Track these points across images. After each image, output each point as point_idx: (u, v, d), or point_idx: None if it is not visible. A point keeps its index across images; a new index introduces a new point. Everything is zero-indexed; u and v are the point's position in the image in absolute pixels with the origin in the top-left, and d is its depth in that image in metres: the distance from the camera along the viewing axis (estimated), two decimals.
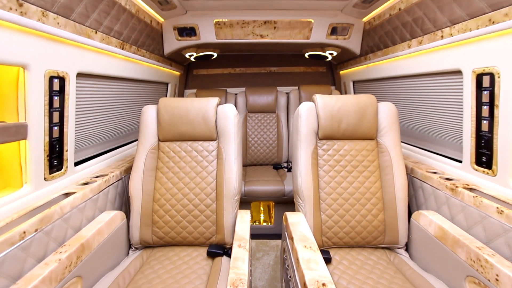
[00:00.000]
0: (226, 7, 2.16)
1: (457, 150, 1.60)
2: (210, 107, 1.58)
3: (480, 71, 1.28)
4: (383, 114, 1.60)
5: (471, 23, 1.27)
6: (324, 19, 2.34)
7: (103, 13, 1.48)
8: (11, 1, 0.94)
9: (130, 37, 1.83)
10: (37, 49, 1.12)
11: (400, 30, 1.86)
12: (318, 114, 1.55)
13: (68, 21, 1.23)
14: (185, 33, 2.44)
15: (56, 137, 1.30)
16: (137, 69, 2.07)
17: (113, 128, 1.99)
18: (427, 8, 1.56)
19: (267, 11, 2.28)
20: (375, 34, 2.22)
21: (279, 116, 3.09)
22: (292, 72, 3.62)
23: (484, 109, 1.30)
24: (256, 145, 3.07)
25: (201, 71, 3.59)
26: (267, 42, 2.51)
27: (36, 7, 1.05)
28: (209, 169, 1.57)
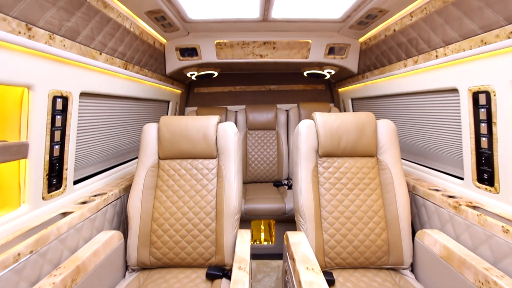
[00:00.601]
0: (227, 28, 2.24)
1: (457, 167, 1.60)
2: (211, 125, 1.59)
3: (476, 89, 1.31)
4: (382, 131, 1.61)
5: (464, 43, 1.31)
6: (321, 40, 2.42)
7: (108, 36, 1.53)
8: (20, 26, 0.97)
9: (133, 57, 1.88)
10: (42, 70, 1.15)
11: (395, 50, 1.91)
12: (318, 131, 1.57)
13: (74, 43, 1.27)
14: (187, 53, 2.51)
15: (56, 155, 1.31)
16: (139, 88, 2.11)
17: (113, 146, 1.99)
18: (420, 30, 1.61)
19: (266, 33, 2.36)
20: (372, 53, 2.29)
21: (279, 133, 3.10)
22: (292, 90, 3.68)
23: (482, 126, 1.31)
24: (256, 162, 3.06)
25: (202, 89, 3.66)
26: (266, 61, 2.58)
27: (44, 31, 1.08)
28: (209, 187, 1.56)
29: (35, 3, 1.03)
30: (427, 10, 1.51)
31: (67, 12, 1.19)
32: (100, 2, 1.39)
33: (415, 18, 1.62)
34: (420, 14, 1.58)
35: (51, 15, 1.11)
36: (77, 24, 1.27)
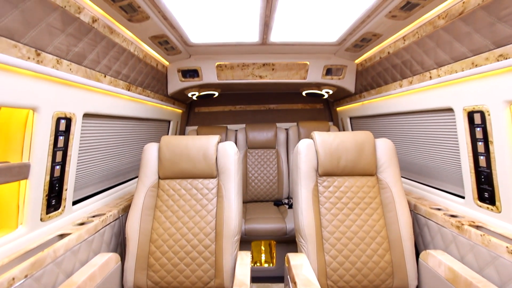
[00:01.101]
0: (228, 51, 2.32)
1: (458, 185, 1.59)
2: (211, 144, 1.61)
3: (471, 109, 1.34)
4: (381, 150, 1.62)
5: (456, 65, 1.36)
6: (319, 62, 2.50)
7: (113, 59, 1.59)
8: (30, 51, 1.02)
9: (136, 79, 1.94)
10: (48, 93, 1.18)
11: (390, 71, 1.98)
12: (317, 151, 1.58)
13: (80, 67, 1.32)
14: (188, 75, 2.59)
15: (57, 176, 1.31)
16: (141, 108, 2.15)
17: (113, 166, 2.00)
18: (413, 52, 1.68)
19: (265, 55, 2.44)
20: (368, 74, 2.36)
21: (278, 152, 3.12)
22: (291, 109, 3.75)
23: (479, 145, 1.33)
24: (257, 181, 3.05)
25: (202, 108, 3.72)
26: (266, 82, 2.65)
27: (52, 56, 1.13)
28: (209, 208, 1.55)
29: (46, 31, 1.08)
30: (418, 34, 1.58)
31: (75, 38, 1.25)
32: (107, 29, 1.46)
33: (408, 41, 1.69)
34: (412, 38, 1.65)
35: (60, 41, 1.17)
36: (84, 49, 1.32)
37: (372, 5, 1.41)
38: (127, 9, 1.37)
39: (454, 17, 1.30)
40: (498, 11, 1.08)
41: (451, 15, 1.32)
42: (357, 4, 1.41)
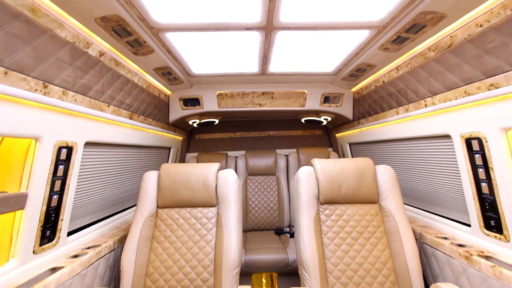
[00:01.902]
0: (228, 81, 2.41)
1: (462, 213, 1.56)
2: (211, 172, 1.60)
3: (468, 135, 1.35)
4: (382, 177, 1.61)
5: (449, 94, 1.40)
6: (316, 90, 2.58)
7: (117, 90, 1.65)
8: (38, 84, 1.05)
9: (139, 108, 1.99)
10: (52, 122, 1.20)
11: (386, 99, 2.03)
12: (318, 178, 1.57)
13: (84, 98, 1.36)
14: (189, 103, 2.66)
15: (54, 206, 1.29)
16: (142, 136, 2.18)
17: (112, 194, 1.97)
18: (407, 81, 1.74)
19: (264, 84, 2.53)
20: (365, 102, 2.42)
21: (279, 179, 3.09)
22: (290, 135, 3.79)
23: (480, 171, 1.32)
24: (257, 209, 2.98)
25: (203, 135, 3.76)
26: (265, 110, 2.71)
27: (58, 88, 1.17)
28: (208, 238, 1.50)
29: (54, 65, 1.13)
30: (411, 65, 1.65)
31: (82, 71, 1.31)
32: (113, 62, 1.53)
33: (401, 71, 1.76)
34: (405, 68, 1.72)
35: (67, 74, 1.22)
36: (89, 80, 1.37)
37: (365, 38, 1.49)
38: (133, 44, 1.44)
39: (443, 50, 1.37)
40: (484, 45, 1.15)
41: (440, 48, 1.39)
42: (351, 38, 1.49)
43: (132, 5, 1.12)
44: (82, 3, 1.05)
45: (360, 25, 1.33)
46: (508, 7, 1.01)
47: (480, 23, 1.13)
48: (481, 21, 1.13)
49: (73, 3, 1.05)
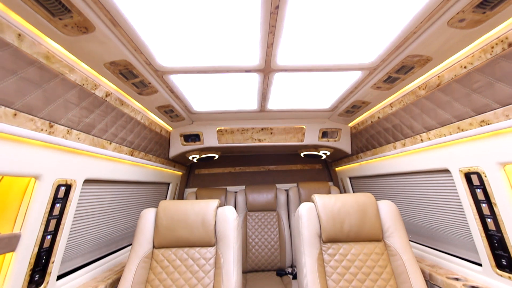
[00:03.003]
0: (228, 118, 2.48)
1: (471, 251, 1.50)
2: (210, 209, 1.57)
3: (466, 170, 1.36)
4: (385, 213, 1.58)
5: (443, 129, 1.44)
6: (314, 125, 2.65)
7: (120, 127, 1.69)
8: (44, 124, 1.09)
9: (140, 144, 2.02)
10: (53, 161, 1.21)
11: (383, 134, 2.08)
12: (319, 215, 1.54)
13: (88, 136, 1.39)
14: (190, 139, 2.70)
15: (46, 247, 1.24)
16: (141, 172, 2.17)
17: (107, 233, 1.90)
18: (402, 117, 1.80)
19: (263, 120, 2.60)
20: (362, 136, 2.47)
21: (279, 215, 3.01)
22: (290, 169, 3.78)
23: (484, 207, 1.30)
24: (257, 247, 2.85)
25: (202, 170, 3.75)
26: (265, 145, 2.75)
27: (63, 127, 1.21)
28: (206, 282, 1.41)
29: (62, 106, 1.18)
30: (404, 102, 1.72)
31: (87, 111, 1.36)
32: (118, 101, 1.59)
33: (395, 108, 1.83)
34: (398, 105, 1.79)
35: (73, 114, 1.26)
36: (94, 119, 1.42)
37: (358, 78, 1.57)
38: (138, 85, 1.52)
39: (433, 88, 1.45)
40: (470, 84, 1.21)
41: (430, 86, 1.46)
42: (345, 78, 1.58)
43: (140, 51, 1.21)
44: (94, 50, 1.14)
45: (353, 67, 1.42)
46: (487, 52, 1.09)
47: (464, 65, 1.21)
48: (465, 63, 1.21)
49: (85, 49, 1.13)
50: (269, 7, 0.94)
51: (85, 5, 0.89)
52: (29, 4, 0.84)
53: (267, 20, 1.01)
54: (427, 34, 1.09)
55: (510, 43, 1.01)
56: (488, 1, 0.89)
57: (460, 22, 1.00)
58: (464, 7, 0.92)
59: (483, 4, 0.91)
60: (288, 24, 1.04)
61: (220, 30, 1.08)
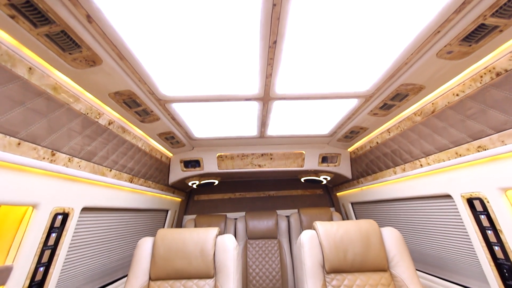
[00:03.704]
0: (228, 143, 2.51)
1: (481, 280, 1.43)
2: (209, 238, 1.53)
3: (468, 196, 1.35)
4: (389, 241, 1.53)
5: (441, 155, 1.45)
6: (314, 151, 2.66)
7: (121, 154, 1.70)
8: (46, 153, 1.10)
9: (140, 171, 2.01)
10: (51, 189, 1.21)
11: (382, 159, 2.08)
12: (321, 243, 1.49)
13: (88, 163, 1.40)
14: (190, 165, 2.70)
15: (37, 280, 1.19)
16: (140, 199, 2.15)
17: (101, 265, 1.83)
18: (400, 143, 1.82)
19: (263, 146, 2.62)
20: (362, 161, 2.47)
21: (281, 243, 2.92)
22: (291, 195, 3.73)
23: (490, 234, 1.27)
24: (258, 278, 2.72)
25: (202, 196, 3.70)
26: (265, 170, 2.74)
27: (65, 155, 1.22)
28: None
29: (65, 134, 1.20)
30: (401, 127, 1.75)
31: (90, 139, 1.38)
32: (120, 129, 1.62)
33: (393, 133, 1.86)
34: (396, 131, 1.82)
35: (76, 142, 1.28)
36: (96, 147, 1.44)
37: (355, 105, 1.62)
38: (141, 113, 1.56)
39: (428, 114, 1.48)
40: (464, 111, 1.25)
41: (425, 113, 1.50)
42: (342, 105, 1.62)
43: (144, 82, 1.26)
44: (100, 81, 1.18)
45: (349, 95, 1.46)
46: (477, 81, 1.14)
47: (456, 93, 1.26)
48: (457, 91, 1.25)
49: (91, 80, 1.18)
50: (267, 42, 1.00)
51: (94, 41, 0.94)
52: (41, 41, 0.90)
53: (266, 53, 1.06)
54: (418, 64, 1.14)
55: (497, 73, 1.05)
56: (472, 36, 0.95)
57: (448, 53, 1.06)
58: (451, 41, 0.98)
59: (468, 38, 0.96)
60: (285, 56, 1.10)
61: (221, 62, 1.13)
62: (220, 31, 0.95)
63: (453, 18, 0.89)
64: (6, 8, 0.76)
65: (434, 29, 0.94)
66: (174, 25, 0.91)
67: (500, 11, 0.84)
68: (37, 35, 0.87)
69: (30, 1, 0.75)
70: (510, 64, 1.00)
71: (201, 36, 0.97)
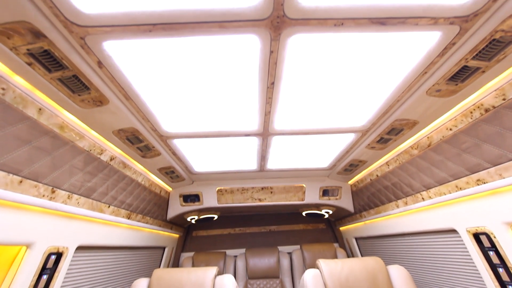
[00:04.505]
0: (228, 177, 2.50)
1: None
2: (208, 279, 1.45)
3: (474, 230, 1.32)
4: (396, 279, 1.46)
5: (442, 188, 1.45)
6: (314, 184, 2.65)
7: (120, 190, 1.69)
8: (46, 190, 1.10)
9: (138, 207, 1.98)
10: (47, 227, 1.18)
11: (384, 192, 2.07)
12: (326, 283, 1.42)
13: (87, 200, 1.39)
14: (189, 199, 2.67)
15: None
16: (137, 236, 2.08)
17: None
18: (400, 176, 1.82)
19: (263, 180, 2.62)
20: (363, 194, 2.45)
21: (283, 282, 2.75)
22: (292, 230, 3.61)
23: (501, 272, 1.22)
24: None
25: (200, 232, 3.58)
26: (265, 205, 2.70)
27: (65, 192, 1.21)
28: None
29: (67, 171, 1.21)
30: (399, 161, 1.77)
31: (90, 175, 1.39)
32: (121, 164, 1.64)
33: (392, 166, 1.87)
34: (394, 164, 1.83)
35: (77, 178, 1.29)
36: (96, 183, 1.44)
37: (352, 140, 1.66)
38: (142, 149, 1.59)
39: (424, 148, 1.51)
40: (459, 145, 1.28)
41: (421, 146, 1.53)
42: (340, 139, 1.66)
43: (147, 119, 1.30)
44: (105, 119, 1.23)
45: (346, 130, 1.51)
46: (467, 116, 1.18)
47: (449, 127, 1.30)
48: (450, 125, 1.30)
49: (97, 119, 1.23)
50: (266, 83, 1.06)
51: (103, 84, 1.00)
52: (53, 84, 0.96)
53: (264, 93, 1.13)
54: (410, 101, 1.20)
55: (486, 109, 1.10)
56: (458, 76, 1.02)
57: (437, 91, 1.12)
58: (438, 80, 1.05)
59: (454, 78, 1.03)
60: (283, 95, 1.16)
61: (222, 101, 1.19)
62: (221, 74, 1.01)
63: (437, 61, 0.96)
64: (25, 57, 0.83)
65: (421, 70, 1.01)
66: (179, 68, 0.98)
67: (480, 54, 0.91)
68: (50, 79, 0.93)
69: (48, 50, 0.81)
70: (497, 101, 1.05)
71: (203, 78, 1.03)
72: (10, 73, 0.89)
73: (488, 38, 0.84)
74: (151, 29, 0.78)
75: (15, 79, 0.91)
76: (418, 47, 0.91)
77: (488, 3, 0.74)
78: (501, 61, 0.93)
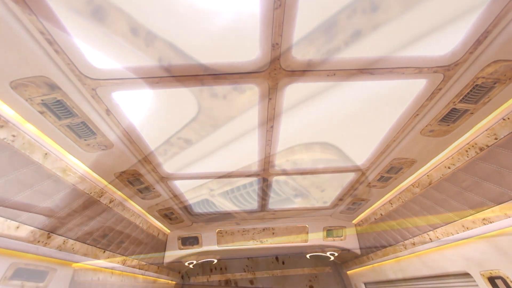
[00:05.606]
0: (228, 218, 2.43)
1: None
2: None
3: (488, 274, 1.25)
4: None
5: (449, 228, 1.40)
6: (317, 224, 2.56)
7: (117, 233, 1.64)
8: (43, 236, 1.08)
9: (134, 251, 1.90)
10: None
11: (389, 232, 1.99)
12: None
13: (83, 245, 1.34)
14: (188, 242, 2.56)
15: None
16: (131, 285, 1.95)
17: None
18: (404, 214, 1.78)
19: (265, 220, 2.54)
20: (368, 234, 2.35)
21: None
22: (297, 274, 3.39)
23: None
24: None
25: (199, 278, 3.36)
26: (267, 247, 2.59)
27: (61, 237, 1.18)
28: None
29: (65, 215, 1.20)
30: (402, 199, 1.75)
31: (89, 219, 1.36)
32: (120, 206, 1.61)
33: (395, 205, 1.84)
34: (397, 202, 1.80)
35: (74, 223, 1.26)
36: (92, 227, 1.40)
37: (352, 178, 1.66)
38: (143, 190, 1.58)
39: (426, 186, 1.50)
40: (459, 183, 1.28)
41: (422, 185, 1.52)
42: (340, 178, 1.66)
43: (149, 161, 1.33)
44: (108, 162, 1.25)
45: (346, 169, 1.52)
46: (463, 155, 1.20)
47: (447, 165, 1.31)
48: (448, 164, 1.31)
49: (100, 162, 1.25)
50: (265, 126, 1.11)
51: (109, 129, 1.05)
52: (62, 130, 1.00)
53: (264, 136, 1.17)
54: (405, 141, 1.23)
55: (480, 148, 1.13)
56: (448, 117, 1.06)
57: (430, 132, 1.16)
58: (430, 121, 1.09)
59: (445, 119, 1.08)
60: (282, 138, 1.20)
61: (223, 144, 1.23)
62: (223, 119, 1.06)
63: (427, 104, 1.02)
64: (38, 106, 0.88)
65: (413, 112, 1.06)
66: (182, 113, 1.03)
67: (466, 98, 0.97)
68: (59, 126, 0.97)
69: (60, 101, 0.87)
70: (490, 140, 1.08)
71: (205, 122, 1.08)
72: (22, 121, 0.94)
73: (471, 84, 0.90)
74: (159, 81, 0.85)
75: (26, 126, 0.95)
76: (408, 92, 0.97)
77: (466, 54, 0.82)
78: (487, 104, 0.98)
